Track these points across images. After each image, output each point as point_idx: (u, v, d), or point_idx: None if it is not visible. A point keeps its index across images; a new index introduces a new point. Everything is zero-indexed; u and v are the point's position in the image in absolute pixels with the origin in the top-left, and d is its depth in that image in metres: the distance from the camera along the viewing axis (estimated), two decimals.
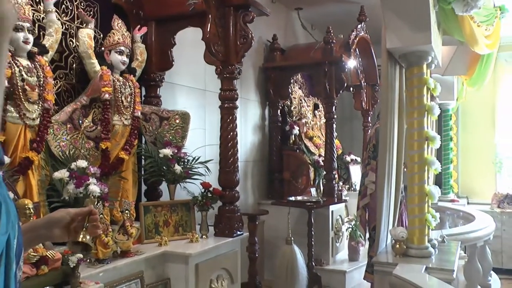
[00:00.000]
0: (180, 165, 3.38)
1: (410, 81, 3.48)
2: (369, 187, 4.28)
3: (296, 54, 5.84)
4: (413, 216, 3.42)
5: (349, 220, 5.64)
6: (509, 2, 5.17)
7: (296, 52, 5.88)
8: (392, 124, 3.54)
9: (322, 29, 5.58)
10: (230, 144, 3.42)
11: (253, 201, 5.47)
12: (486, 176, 7.91)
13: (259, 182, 5.61)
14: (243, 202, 5.23)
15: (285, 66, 5.69)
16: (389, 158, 3.52)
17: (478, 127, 7.99)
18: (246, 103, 5.41)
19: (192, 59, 4.16)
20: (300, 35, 6.61)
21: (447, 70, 6.46)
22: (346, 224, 5.63)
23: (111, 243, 2.63)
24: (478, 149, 7.96)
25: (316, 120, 6.39)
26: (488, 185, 7.87)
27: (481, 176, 7.95)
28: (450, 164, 7.73)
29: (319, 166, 5.64)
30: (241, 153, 5.18)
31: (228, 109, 3.45)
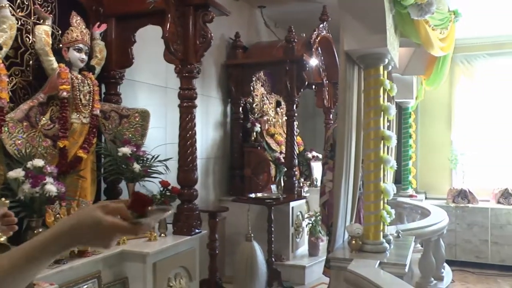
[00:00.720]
0: (139, 164, 3.37)
1: (367, 82, 3.55)
2: (327, 185, 4.37)
3: (258, 52, 5.87)
4: (369, 213, 3.51)
5: (309, 216, 5.72)
6: (462, 7, 5.34)
7: (258, 50, 5.92)
8: (350, 123, 3.62)
9: (286, 28, 5.64)
10: (188, 142, 3.44)
11: (214, 197, 5.49)
12: (442, 172, 8.16)
13: (220, 179, 5.64)
14: (204, 199, 5.25)
15: (247, 63, 5.72)
16: (347, 156, 3.60)
17: (435, 125, 8.23)
18: (208, 100, 5.42)
19: (153, 57, 4.14)
20: (263, 33, 6.65)
21: (406, 70, 6.62)
22: (307, 220, 5.71)
23: None
24: (435, 146, 8.20)
25: (278, 117, 6.45)
26: (444, 181, 8.13)
27: (438, 172, 8.19)
28: (409, 161, 7.92)
29: (280, 163, 5.71)
30: (202, 150, 5.21)
31: (187, 108, 3.46)
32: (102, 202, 1.02)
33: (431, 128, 8.26)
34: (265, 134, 6.05)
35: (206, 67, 5.34)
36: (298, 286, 5.08)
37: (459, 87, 8.06)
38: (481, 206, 7.33)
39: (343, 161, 3.54)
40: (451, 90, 8.06)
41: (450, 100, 8.10)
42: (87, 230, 0.95)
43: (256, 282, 4.42)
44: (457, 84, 8.06)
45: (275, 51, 5.69)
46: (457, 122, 8.06)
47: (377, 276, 2.95)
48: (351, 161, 3.66)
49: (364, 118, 3.59)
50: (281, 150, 6.03)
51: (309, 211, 6.03)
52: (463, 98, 8.03)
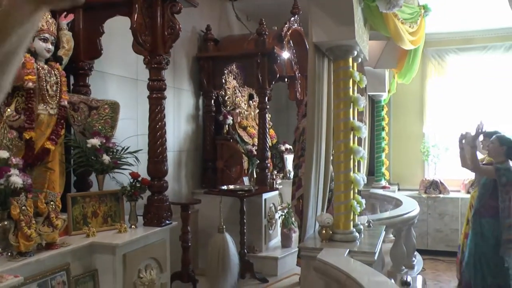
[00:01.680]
0: (108, 155, 3.36)
1: (336, 74, 3.62)
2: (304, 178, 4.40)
3: (229, 45, 5.88)
4: (339, 203, 3.57)
5: (282, 208, 5.77)
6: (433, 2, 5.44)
7: (230, 43, 5.93)
8: (320, 115, 3.67)
9: (257, 21, 5.65)
10: (158, 134, 3.44)
11: (186, 190, 5.50)
12: (415, 164, 8.31)
13: (192, 172, 5.65)
14: (177, 192, 5.25)
15: (218, 56, 5.73)
16: (317, 147, 3.65)
17: (408, 117, 8.37)
18: (180, 92, 5.41)
19: (123, 48, 4.11)
20: (235, 26, 6.65)
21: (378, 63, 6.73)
22: (280, 212, 5.76)
23: (34, 235, 2.59)
24: (408, 138, 8.35)
25: (250, 110, 6.48)
26: (417, 172, 8.28)
27: (411, 164, 8.34)
28: (382, 153, 8.05)
29: (253, 156, 5.74)
30: (174, 143, 5.21)
31: (156, 99, 3.46)
32: None
33: (404, 121, 8.40)
34: (238, 126, 6.07)
35: (178, 60, 5.33)
36: (271, 278, 5.13)
37: (431, 81, 8.22)
38: (452, 196, 7.52)
39: (313, 152, 3.60)
40: (423, 84, 8.20)
41: (422, 93, 8.25)
42: None
43: (229, 273, 4.45)
44: (428, 78, 8.22)
45: (246, 44, 5.70)
46: (429, 114, 8.21)
47: (346, 264, 3.01)
48: (321, 152, 3.71)
49: (334, 109, 3.64)
50: (254, 143, 6.06)
51: (282, 203, 6.08)
52: (434, 91, 8.19)
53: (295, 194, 4.44)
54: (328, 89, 3.75)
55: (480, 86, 7.87)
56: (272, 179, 5.79)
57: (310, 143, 3.61)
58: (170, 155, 4.30)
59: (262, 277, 5.05)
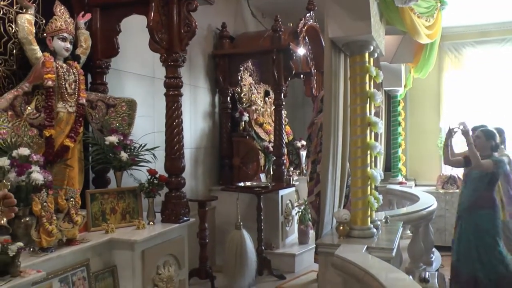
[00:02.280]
0: (126, 152, 3.39)
1: (353, 69, 3.59)
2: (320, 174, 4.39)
3: (245, 42, 5.88)
4: (356, 199, 3.55)
5: (299, 205, 5.76)
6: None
7: (245, 40, 5.93)
8: (337, 111, 3.65)
9: (273, 18, 5.66)
10: (175, 131, 3.46)
11: (203, 187, 5.52)
12: (432, 159, 8.24)
13: (209, 169, 5.67)
14: (194, 189, 5.28)
15: (233, 53, 5.73)
16: (334, 143, 3.63)
17: (424, 112, 8.30)
18: (196, 90, 5.43)
19: (140, 46, 4.13)
20: (250, 23, 6.66)
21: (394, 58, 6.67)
22: (296, 208, 5.75)
23: (55, 231, 2.62)
24: (424, 133, 8.28)
25: (266, 106, 6.47)
26: (433, 168, 8.21)
27: (428, 159, 8.28)
28: (399, 148, 8.00)
29: (269, 152, 5.74)
30: (191, 140, 5.24)
31: (173, 97, 3.48)
32: None
33: (420, 116, 8.33)
34: (254, 123, 6.07)
35: (194, 58, 5.35)
36: (288, 274, 5.13)
37: (448, 75, 8.13)
38: None
39: (330, 148, 3.58)
40: (439, 78, 8.12)
41: (439, 88, 8.17)
42: None
43: (246, 270, 4.46)
44: (445, 72, 8.13)
45: (262, 41, 5.70)
46: (445, 109, 8.13)
47: (364, 260, 2.99)
48: (338, 148, 3.70)
49: (350, 104, 3.62)
50: (270, 139, 6.06)
51: (298, 199, 6.07)
52: (451, 85, 8.10)
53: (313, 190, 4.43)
54: (344, 84, 3.73)
55: (497, 79, 7.76)
56: (289, 176, 5.79)
57: (327, 138, 3.60)
58: (187, 152, 4.32)
59: (279, 274, 5.06)
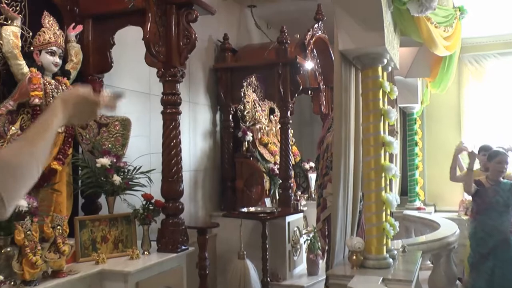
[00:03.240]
0: (119, 176, 3.37)
1: (365, 84, 3.59)
2: (329, 199, 4.36)
3: (248, 55, 5.91)
4: (371, 225, 3.52)
5: (307, 232, 5.72)
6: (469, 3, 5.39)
7: (249, 53, 5.96)
8: (348, 129, 3.64)
9: (278, 28, 5.68)
10: (173, 152, 3.44)
11: (204, 213, 5.49)
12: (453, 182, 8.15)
13: (210, 193, 5.65)
14: (193, 215, 5.25)
15: (236, 67, 5.76)
16: (345, 164, 3.62)
17: (444, 131, 8.26)
18: (195, 107, 5.44)
19: (135, 60, 4.16)
20: (254, 34, 6.69)
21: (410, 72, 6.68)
22: (305, 236, 5.70)
23: (40, 262, 2.58)
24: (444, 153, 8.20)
25: (271, 125, 6.47)
26: (455, 192, 8.11)
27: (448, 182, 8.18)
28: (416, 170, 7.95)
29: (275, 175, 5.72)
30: (190, 162, 5.22)
31: (171, 115, 3.47)
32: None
33: (439, 135, 8.29)
34: (258, 143, 6.06)
35: (193, 72, 5.37)
36: None
37: (468, 89, 8.11)
38: None
39: (341, 170, 3.56)
40: (459, 93, 8.10)
41: (459, 104, 8.15)
42: (76, 99, 1.47)
43: None
44: (465, 86, 8.11)
45: (266, 54, 5.72)
46: (467, 127, 8.09)
47: None
48: (349, 170, 3.68)
49: (363, 122, 3.61)
50: (276, 161, 6.04)
51: (307, 226, 6.03)
52: (472, 101, 8.07)
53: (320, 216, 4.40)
54: (356, 101, 3.73)
55: None
56: (296, 200, 5.76)
57: (337, 160, 3.58)
58: (185, 174, 4.30)
59: None
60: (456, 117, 8.18)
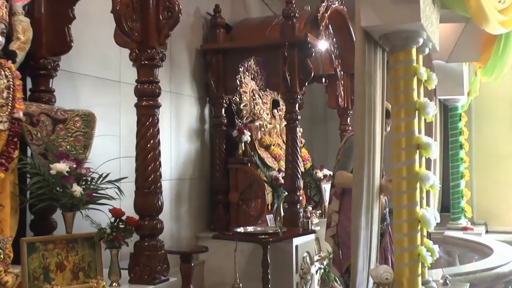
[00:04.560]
0: (81, 185, 3.37)
1: (394, 71, 3.57)
2: (333, 218, 4.39)
3: (246, 33, 5.92)
4: (401, 250, 3.50)
5: (320, 258, 5.72)
6: None
7: (246, 30, 5.96)
8: (372, 128, 3.63)
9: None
10: (149, 156, 3.43)
11: (189, 233, 5.51)
12: (509, 195, 8.15)
13: (197, 208, 5.66)
14: (175, 236, 5.25)
15: (230, 48, 5.77)
16: (368, 172, 3.60)
17: (497, 129, 8.24)
18: (179, 99, 5.45)
19: (101, 39, 4.16)
20: (253, 6, 6.70)
21: (453, 55, 6.67)
22: (317, 264, 5.71)
23: None
24: (497, 159, 8.21)
25: (275, 122, 6.46)
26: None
27: (503, 195, 8.18)
28: (461, 180, 7.93)
29: (279, 185, 5.72)
30: (172, 168, 5.22)
31: (147, 109, 3.46)
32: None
33: (491, 135, 8.27)
34: (258, 145, 6.06)
35: (176, 54, 5.37)
36: None
37: None
38: None
39: (363, 180, 3.55)
40: None
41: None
42: None
43: None
44: None
45: (269, 31, 5.73)
46: None
47: None
48: (374, 180, 3.67)
49: (392, 119, 3.61)
50: (280, 167, 6.05)
51: (320, 251, 6.03)
52: None
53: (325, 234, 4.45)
54: (382, 92, 3.73)
55: None
56: (306, 218, 5.76)
57: (359, 167, 3.57)
58: (166, 185, 4.31)
59: None
60: None
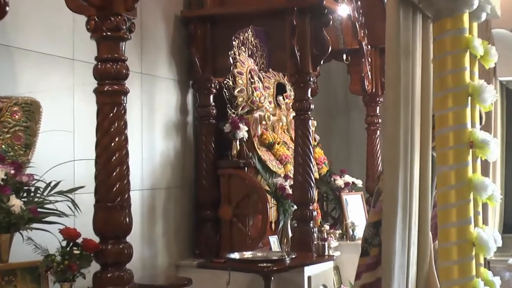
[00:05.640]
0: (21, 198, 3.36)
1: (440, 43, 3.56)
2: None
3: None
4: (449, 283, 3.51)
5: None
6: None
7: None
8: (410, 120, 3.63)
9: None
10: (114, 158, 3.41)
11: (167, 261, 5.51)
12: None
13: (177, 227, 5.65)
14: (149, 264, 5.25)
15: (221, 15, 5.78)
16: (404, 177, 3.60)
17: None
18: (152, 83, 5.44)
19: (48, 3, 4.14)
20: None
21: None
22: None
23: None
24: None
25: (280, 113, 6.45)
26: None
27: None
28: None
29: (285, 196, 5.71)
30: (144, 175, 5.22)
31: (111, 95, 3.44)
32: None
33: None
34: (258, 143, 6.05)
35: (148, 23, 5.36)
36: None
37: None
38: None
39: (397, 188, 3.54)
40: None
41: None
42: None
43: None
44: None
45: None
46: None
47: None
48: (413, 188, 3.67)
49: (435, 108, 3.60)
50: (287, 173, 6.05)
51: (340, 284, 6.03)
52: None
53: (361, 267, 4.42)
54: (424, 71, 3.73)
55: None
56: (322, 240, 5.79)
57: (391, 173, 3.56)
58: (136, 196, 4.35)
59: None
60: None
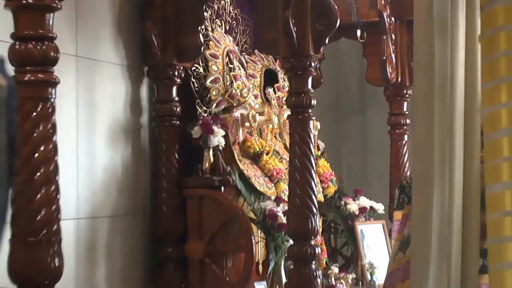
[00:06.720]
0: None
1: (489, 15, 3.60)
2: None
3: None
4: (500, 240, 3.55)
5: None
6: None
7: None
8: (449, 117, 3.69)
9: None
10: (38, 174, 3.43)
11: None
12: None
13: (126, 270, 5.69)
14: None
15: None
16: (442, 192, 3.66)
17: None
18: (92, 69, 5.47)
19: None
20: None
21: None
22: None
23: None
24: None
25: (270, 111, 6.47)
26: None
27: None
28: None
29: (278, 227, 5.74)
30: (80, 198, 5.23)
31: (34, 87, 3.47)
32: None
33: None
34: (239, 153, 6.07)
35: None
36: None
37: None
38: None
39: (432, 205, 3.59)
40: None
41: None
42: None
43: None
44: None
45: None
46: None
47: None
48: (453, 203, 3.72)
49: (484, 104, 3.63)
50: (280, 194, 6.10)
51: None
52: None
53: None
54: (466, 53, 3.78)
55: None
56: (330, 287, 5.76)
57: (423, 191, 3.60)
58: (69, 228, 4.39)
59: None
60: None
